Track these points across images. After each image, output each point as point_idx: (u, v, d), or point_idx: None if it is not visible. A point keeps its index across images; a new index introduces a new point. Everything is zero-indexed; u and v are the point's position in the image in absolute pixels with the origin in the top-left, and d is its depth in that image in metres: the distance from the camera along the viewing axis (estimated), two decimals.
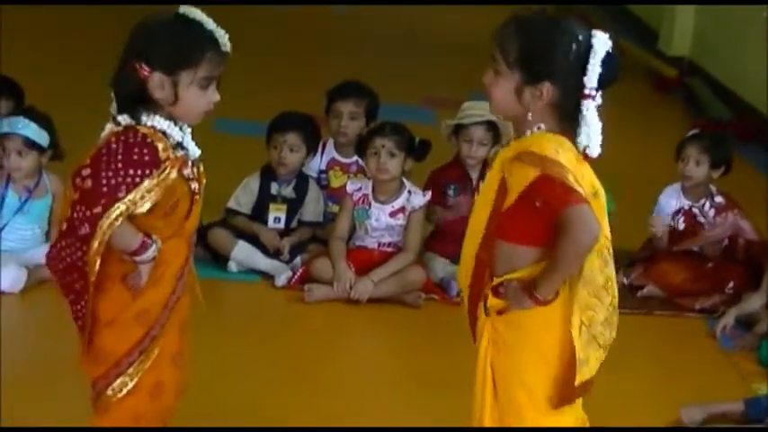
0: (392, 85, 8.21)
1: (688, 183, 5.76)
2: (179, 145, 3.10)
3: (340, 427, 4.23)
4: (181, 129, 3.11)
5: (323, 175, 6.06)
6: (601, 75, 2.95)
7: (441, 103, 8.44)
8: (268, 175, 5.80)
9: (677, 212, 5.80)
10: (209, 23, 3.07)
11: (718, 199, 5.77)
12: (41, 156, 5.35)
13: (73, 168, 3.06)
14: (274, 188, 5.79)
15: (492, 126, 5.73)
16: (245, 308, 5.49)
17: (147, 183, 2.99)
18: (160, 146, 3.03)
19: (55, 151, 5.38)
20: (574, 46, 2.95)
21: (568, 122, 3.00)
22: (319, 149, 6.01)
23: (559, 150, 2.94)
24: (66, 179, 3.08)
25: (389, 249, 5.56)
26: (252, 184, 5.81)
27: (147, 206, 3.01)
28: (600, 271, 3.03)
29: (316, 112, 6.11)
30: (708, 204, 5.77)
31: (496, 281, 3.06)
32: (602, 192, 3.03)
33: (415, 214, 5.56)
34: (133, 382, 3.13)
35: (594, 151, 3.00)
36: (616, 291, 3.10)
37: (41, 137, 5.32)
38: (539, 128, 2.99)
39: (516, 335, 3.06)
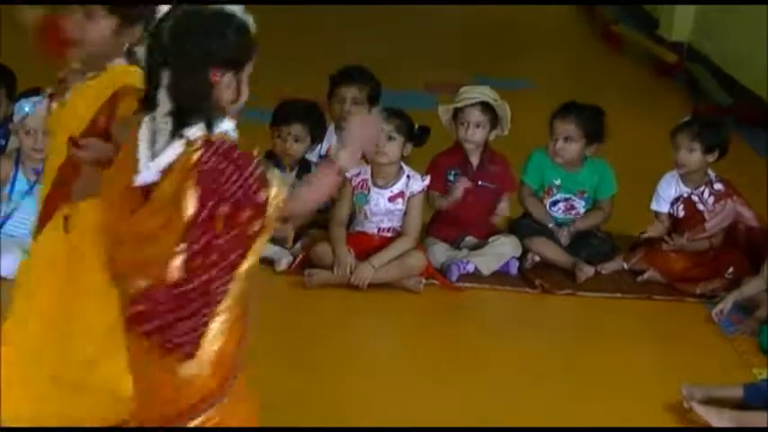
0: (395, 72, 8.20)
1: (683, 170, 5.73)
2: None
3: (331, 428, 4.19)
4: None
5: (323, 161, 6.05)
6: None
7: (443, 89, 8.42)
8: (270, 161, 5.80)
9: (676, 200, 5.77)
10: (239, 11, 2.96)
11: (718, 186, 5.75)
12: None
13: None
14: None
15: (488, 109, 5.72)
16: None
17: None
18: None
19: None
20: None
21: None
22: None
23: None
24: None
25: (389, 234, 5.56)
26: None
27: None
28: None
29: (317, 96, 6.10)
30: (707, 191, 5.74)
31: None
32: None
33: (414, 199, 5.56)
34: None
35: None
36: None
37: None
38: None
39: None
